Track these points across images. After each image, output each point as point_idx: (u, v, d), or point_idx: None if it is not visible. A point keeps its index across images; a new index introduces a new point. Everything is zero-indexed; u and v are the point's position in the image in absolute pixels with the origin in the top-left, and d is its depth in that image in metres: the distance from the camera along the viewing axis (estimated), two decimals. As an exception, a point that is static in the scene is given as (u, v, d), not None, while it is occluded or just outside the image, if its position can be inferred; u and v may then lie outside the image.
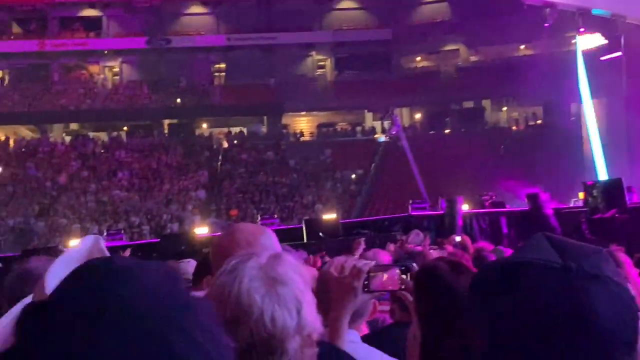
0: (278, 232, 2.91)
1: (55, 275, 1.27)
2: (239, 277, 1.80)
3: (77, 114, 50.68)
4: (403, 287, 2.76)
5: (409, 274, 2.77)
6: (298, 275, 1.85)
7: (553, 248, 1.33)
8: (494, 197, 18.32)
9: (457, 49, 53.77)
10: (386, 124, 47.95)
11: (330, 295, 2.77)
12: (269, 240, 2.60)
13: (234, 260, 1.88)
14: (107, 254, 1.36)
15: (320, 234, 14.95)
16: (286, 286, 1.81)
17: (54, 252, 13.90)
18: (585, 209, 14.83)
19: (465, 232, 14.31)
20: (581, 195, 16.24)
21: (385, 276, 2.78)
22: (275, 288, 1.80)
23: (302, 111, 52.95)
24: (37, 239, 33.53)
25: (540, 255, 1.32)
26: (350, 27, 53.92)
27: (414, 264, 2.91)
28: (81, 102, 50.88)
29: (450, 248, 7.04)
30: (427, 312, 2.57)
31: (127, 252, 9.01)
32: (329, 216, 16.74)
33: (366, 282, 2.78)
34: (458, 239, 8.19)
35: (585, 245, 1.37)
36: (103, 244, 1.39)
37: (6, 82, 53.61)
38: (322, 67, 55.65)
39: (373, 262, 2.89)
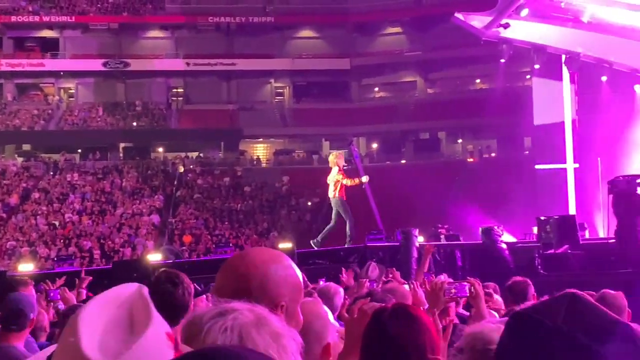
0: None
1: (89, 323, 1.26)
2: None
3: (30, 135, 50.06)
4: None
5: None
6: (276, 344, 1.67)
7: (567, 308, 1.41)
8: (449, 230, 18.40)
9: (415, 81, 54.33)
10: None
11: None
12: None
13: (202, 317, 1.74)
14: (151, 304, 1.37)
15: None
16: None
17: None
18: (538, 244, 14.95)
19: (420, 263, 14.32)
20: (535, 230, 16.39)
21: None
22: None
23: (260, 138, 52.96)
24: (-15, 261, 32.85)
25: (545, 310, 1.43)
26: (309, 56, 54.15)
27: None
28: (35, 123, 50.27)
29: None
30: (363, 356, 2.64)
31: (85, 282, 8.75)
32: (285, 245, 16.65)
33: None
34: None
35: (609, 317, 1.43)
36: (147, 292, 1.39)
37: (-42, 100, 52.84)
38: (281, 94, 55.80)
39: None
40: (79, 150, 49.42)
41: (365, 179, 15.93)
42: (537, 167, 27.79)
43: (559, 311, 1.41)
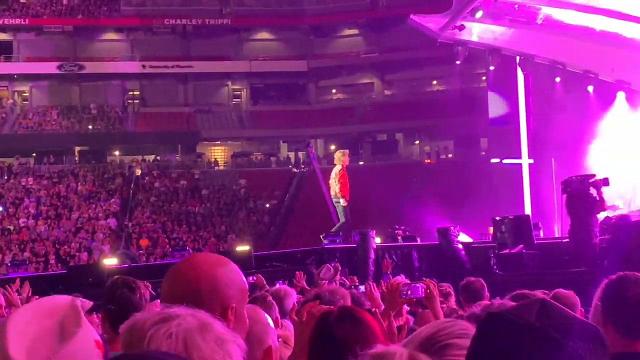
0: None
1: (18, 330, 1.25)
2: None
3: (-16, 139, 49.23)
4: None
5: None
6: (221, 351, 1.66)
7: (538, 310, 1.48)
8: (406, 231, 18.49)
9: (372, 83, 54.53)
10: (301, 155, 48.19)
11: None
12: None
13: (145, 318, 1.69)
14: (82, 315, 1.37)
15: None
16: None
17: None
18: (494, 244, 15.10)
19: (377, 265, 14.39)
20: (491, 230, 16.55)
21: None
22: None
23: (217, 140, 52.73)
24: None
25: (518, 311, 1.48)
26: (266, 58, 54.03)
27: None
28: (-12, 126, 49.49)
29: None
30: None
31: (26, 287, 8.47)
32: (242, 248, 16.58)
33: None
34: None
35: (577, 319, 1.52)
36: (79, 304, 1.39)
37: None
38: (238, 96, 55.62)
39: None
40: (34, 154, 48.74)
41: (343, 202, 15.80)
42: (492, 160, 28.10)
43: (531, 312, 1.47)
